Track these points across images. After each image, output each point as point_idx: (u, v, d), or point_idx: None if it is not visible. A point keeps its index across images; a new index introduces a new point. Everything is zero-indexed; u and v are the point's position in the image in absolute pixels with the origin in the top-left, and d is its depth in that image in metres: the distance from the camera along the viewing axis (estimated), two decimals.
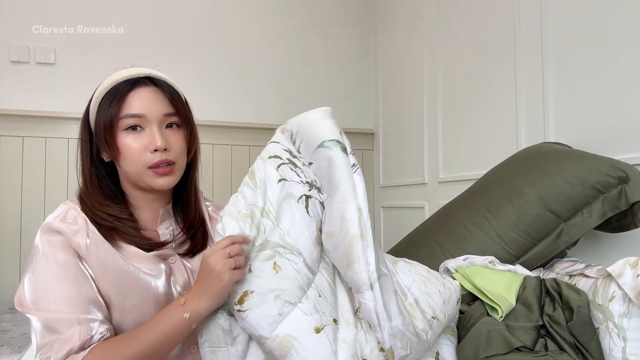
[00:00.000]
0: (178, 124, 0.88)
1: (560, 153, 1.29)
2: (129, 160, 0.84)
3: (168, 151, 0.85)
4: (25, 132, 2.15)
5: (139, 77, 0.86)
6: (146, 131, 0.84)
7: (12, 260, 2.10)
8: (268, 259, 0.81)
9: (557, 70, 1.57)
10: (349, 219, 0.80)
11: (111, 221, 0.83)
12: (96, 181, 0.88)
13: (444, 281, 1.01)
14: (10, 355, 1.28)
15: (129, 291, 0.80)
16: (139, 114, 0.83)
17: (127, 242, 0.84)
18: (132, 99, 0.84)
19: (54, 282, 0.75)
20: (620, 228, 1.20)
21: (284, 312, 0.78)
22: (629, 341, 0.91)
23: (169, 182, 0.86)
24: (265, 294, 0.78)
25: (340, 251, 0.81)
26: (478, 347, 0.96)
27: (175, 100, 0.88)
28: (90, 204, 0.84)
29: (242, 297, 0.78)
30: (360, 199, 0.81)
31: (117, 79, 0.85)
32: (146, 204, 0.90)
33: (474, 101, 1.97)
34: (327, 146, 0.85)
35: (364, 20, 2.84)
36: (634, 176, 1.12)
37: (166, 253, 0.87)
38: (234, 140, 2.51)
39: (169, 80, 0.90)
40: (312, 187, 0.88)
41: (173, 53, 2.39)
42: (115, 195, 0.88)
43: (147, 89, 0.85)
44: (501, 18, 1.81)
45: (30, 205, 2.14)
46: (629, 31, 1.33)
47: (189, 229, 0.93)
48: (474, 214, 1.28)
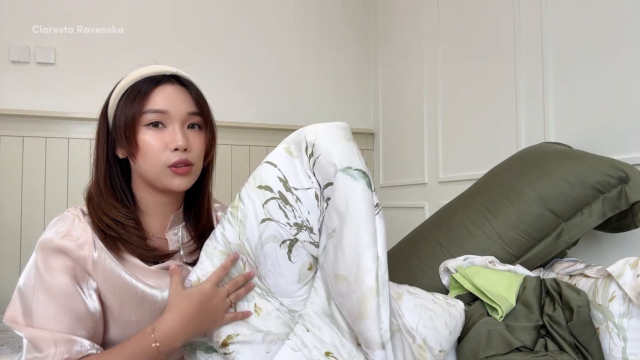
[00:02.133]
0: (200, 125, 0.87)
1: (560, 153, 1.29)
2: (148, 157, 0.81)
3: (188, 152, 0.82)
4: (25, 132, 2.15)
5: (164, 74, 0.84)
6: (168, 129, 0.82)
7: (12, 260, 2.10)
8: (249, 300, 0.79)
9: (557, 70, 1.57)
10: (366, 269, 0.73)
11: (116, 230, 0.80)
12: (108, 179, 0.85)
13: (450, 309, 0.98)
14: (10, 355, 1.27)
15: (135, 305, 0.78)
16: (162, 110, 0.81)
17: (131, 253, 0.81)
18: (157, 95, 0.81)
19: (43, 301, 0.73)
20: (620, 228, 1.20)
21: (271, 350, 0.76)
22: (629, 341, 0.91)
23: (185, 183, 0.84)
24: (252, 335, 0.77)
25: (352, 300, 0.75)
26: (478, 347, 0.96)
27: (200, 100, 0.87)
28: (97, 203, 0.81)
29: (225, 340, 0.75)
30: (380, 248, 0.75)
31: (142, 74, 0.83)
32: (157, 209, 0.87)
33: (474, 101, 1.97)
34: (352, 175, 0.76)
35: (364, 20, 2.84)
36: (634, 176, 1.12)
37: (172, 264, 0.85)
38: (234, 140, 2.51)
39: (194, 82, 0.89)
40: (301, 229, 0.80)
41: (173, 53, 2.39)
42: (125, 197, 0.85)
43: (172, 87, 0.84)
44: (501, 18, 1.81)
45: (30, 205, 2.14)
46: (630, 31, 1.33)
47: (199, 238, 0.90)
48: (474, 214, 1.28)
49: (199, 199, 0.93)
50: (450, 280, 1.20)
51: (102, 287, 0.77)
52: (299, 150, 0.81)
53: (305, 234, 0.80)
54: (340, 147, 0.77)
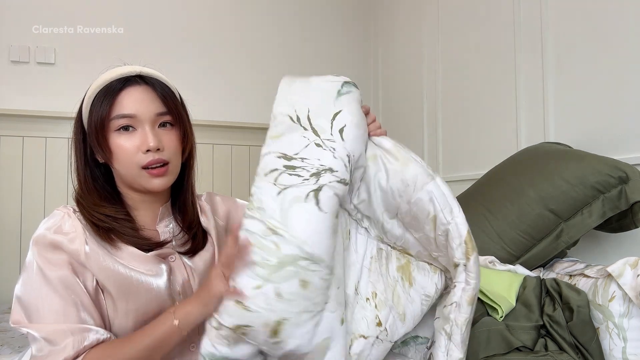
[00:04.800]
0: (171, 123, 0.86)
1: (560, 153, 1.29)
2: (121, 161, 0.82)
3: (161, 151, 0.83)
4: (25, 132, 2.15)
5: (129, 75, 0.83)
6: (138, 131, 0.82)
7: (12, 260, 2.10)
8: (292, 277, 0.74)
9: (557, 70, 1.57)
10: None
11: (108, 222, 0.82)
12: (91, 182, 0.86)
13: None
14: (10, 355, 1.27)
15: (131, 294, 0.80)
16: (130, 114, 0.81)
17: (125, 242, 0.82)
18: (124, 98, 0.82)
19: (47, 296, 0.75)
20: (620, 228, 1.20)
21: (317, 321, 0.76)
22: (629, 341, 0.91)
23: (163, 183, 0.85)
24: (299, 315, 0.74)
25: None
26: (478, 347, 0.96)
27: (168, 98, 0.86)
28: (86, 205, 0.83)
29: (275, 328, 0.73)
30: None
31: (108, 78, 0.83)
32: (144, 205, 0.89)
33: (474, 101, 1.97)
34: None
35: (364, 20, 2.84)
36: (634, 176, 1.12)
37: (166, 252, 0.87)
38: (234, 140, 2.51)
39: (161, 78, 0.87)
40: (320, 173, 0.79)
41: (173, 53, 2.39)
42: (111, 196, 0.86)
43: (138, 88, 0.83)
44: (501, 18, 1.81)
45: (30, 205, 2.14)
46: (630, 31, 1.33)
47: (189, 229, 0.92)
48: (474, 214, 1.28)
49: (183, 193, 0.94)
50: None
51: (98, 277, 0.79)
52: (279, 141, 0.82)
53: (327, 175, 0.79)
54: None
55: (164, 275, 0.83)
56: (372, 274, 0.89)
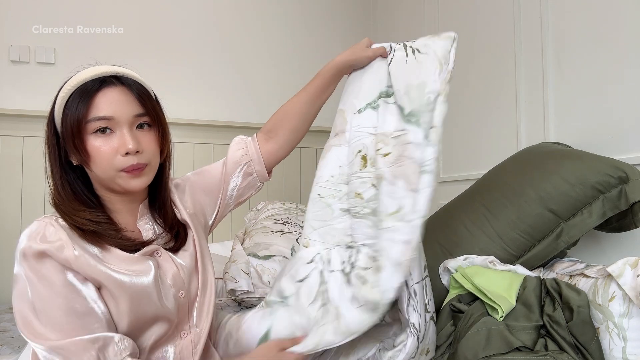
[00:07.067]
0: (149, 124, 0.85)
1: (560, 153, 1.29)
2: (99, 164, 0.80)
3: (140, 153, 0.82)
4: (25, 132, 2.15)
5: (105, 76, 0.81)
6: (116, 133, 0.80)
7: (12, 260, 2.10)
8: None
9: (557, 70, 1.57)
10: None
11: (91, 225, 0.80)
12: (68, 186, 0.84)
13: None
14: (10, 355, 1.28)
15: (121, 296, 0.79)
16: (107, 116, 0.79)
17: (111, 244, 0.81)
18: (100, 100, 0.79)
19: (49, 310, 0.73)
20: (620, 228, 1.20)
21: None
22: (629, 341, 0.91)
23: (142, 183, 0.84)
24: None
25: None
26: (478, 347, 0.96)
27: (145, 99, 0.84)
28: (66, 210, 0.81)
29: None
30: None
31: (83, 78, 0.80)
32: (123, 205, 0.88)
33: (473, 101, 1.97)
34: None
35: (364, 20, 2.84)
36: (634, 176, 1.12)
37: (151, 248, 0.86)
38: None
39: (137, 78, 0.85)
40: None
41: (173, 53, 2.39)
42: (89, 200, 0.85)
43: (115, 89, 0.81)
44: (501, 18, 1.81)
45: (30, 205, 2.14)
46: (630, 31, 1.33)
47: (170, 229, 0.92)
48: (474, 214, 1.28)
49: (161, 192, 0.94)
50: (450, 280, 1.20)
51: (91, 281, 0.78)
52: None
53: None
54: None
55: (151, 273, 0.82)
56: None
